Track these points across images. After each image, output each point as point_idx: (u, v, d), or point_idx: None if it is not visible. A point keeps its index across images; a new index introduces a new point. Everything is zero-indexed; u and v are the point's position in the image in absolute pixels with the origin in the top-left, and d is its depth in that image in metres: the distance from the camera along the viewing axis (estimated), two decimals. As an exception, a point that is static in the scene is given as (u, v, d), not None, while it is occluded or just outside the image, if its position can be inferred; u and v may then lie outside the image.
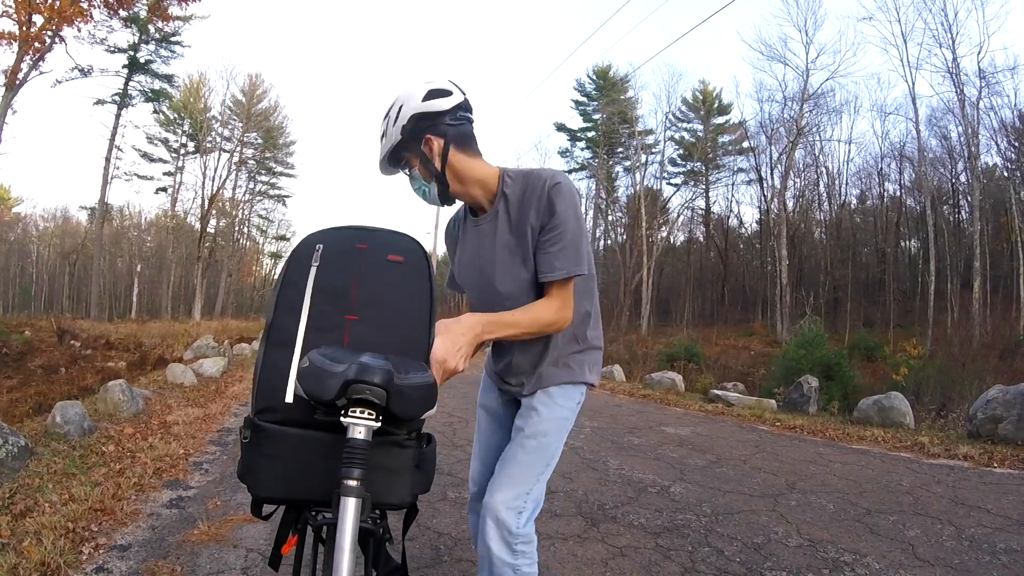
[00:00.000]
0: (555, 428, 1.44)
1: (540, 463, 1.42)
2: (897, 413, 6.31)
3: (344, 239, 1.16)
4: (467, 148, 1.36)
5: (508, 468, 1.41)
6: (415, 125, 1.31)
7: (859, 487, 3.81)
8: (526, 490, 1.39)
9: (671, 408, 7.66)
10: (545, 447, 1.43)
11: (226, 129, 37.73)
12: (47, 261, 48.46)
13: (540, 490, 1.42)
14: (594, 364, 1.53)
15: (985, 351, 15.22)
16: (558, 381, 1.46)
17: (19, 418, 5.50)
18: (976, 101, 21.96)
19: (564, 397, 1.46)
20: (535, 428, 1.43)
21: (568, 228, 1.31)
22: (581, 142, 38.01)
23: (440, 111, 1.31)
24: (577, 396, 1.49)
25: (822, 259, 30.49)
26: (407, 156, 1.38)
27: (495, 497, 1.37)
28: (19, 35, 18.97)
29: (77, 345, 15.97)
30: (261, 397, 1.06)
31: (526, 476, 1.40)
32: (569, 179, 1.38)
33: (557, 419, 1.45)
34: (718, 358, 17.34)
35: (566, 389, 1.47)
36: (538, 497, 1.42)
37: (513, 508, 1.35)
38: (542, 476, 1.42)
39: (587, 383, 1.51)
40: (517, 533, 1.34)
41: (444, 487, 3.56)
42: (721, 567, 2.52)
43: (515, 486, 1.38)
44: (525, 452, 1.42)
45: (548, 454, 1.43)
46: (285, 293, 1.11)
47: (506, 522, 1.34)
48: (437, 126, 1.32)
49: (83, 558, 2.40)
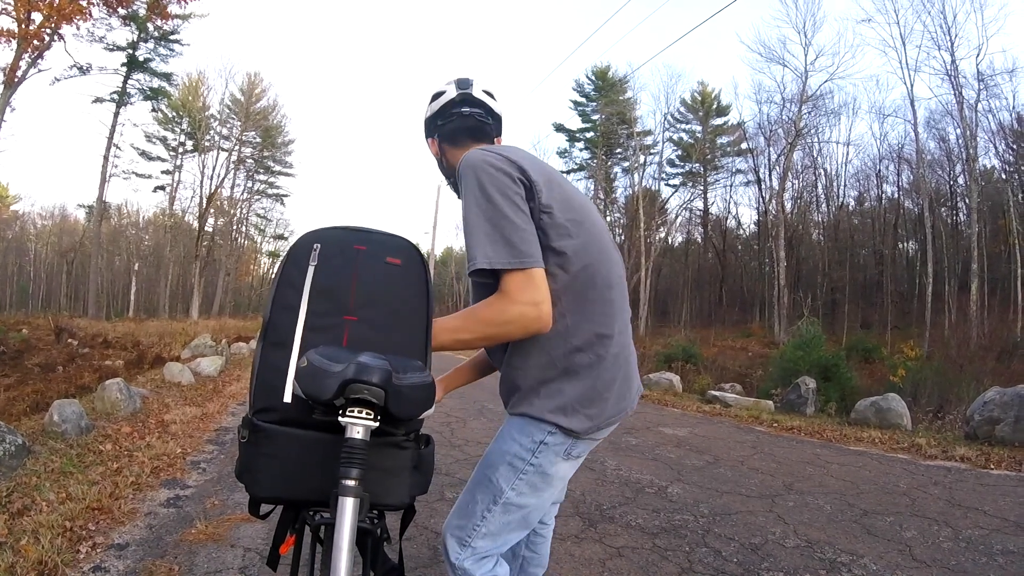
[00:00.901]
0: (501, 464, 1.23)
1: (484, 500, 1.24)
2: (894, 414, 6.32)
3: (342, 239, 1.14)
4: (456, 142, 1.42)
5: (463, 492, 1.30)
6: (424, 130, 1.47)
7: (856, 488, 3.81)
8: (471, 524, 1.24)
9: (669, 409, 7.67)
10: (488, 481, 1.24)
11: (224, 128, 37.74)
12: (45, 259, 48.34)
13: (493, 531, 1.23)
14: (575, 400, 1.19)
15: (982, 353, 15.23)
16: (514, 411, 1.25)
17: (16, 416, 5.48)
18: (974, 104, 22.03)
19: (519, 431, 1.23)
20: (486, 455, 1.29)
21: (466, 214, 1.16)
22: (580, 143, 38.08)
23: (434, 114, 1.44)
24: (537, 435, 1.20)
25: (820, 260, 30.53)
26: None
27: (448, 518, 1.30)
28: (18, 32, 18.91)
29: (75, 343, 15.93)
30: (259, 397, 1.06)
31: (470, 509, 1.25)
32: (475, 156, 1.20)
33: (502, 453, 1.24)
34: (716, 359, 17.37)
35: (523, 423, 1.22)
36: (493, 538, 1.24)
37: (456, 537, 1.25)
38: (489, 516, 1.23)
39: (552, 423, 1.19)
40: (454, 563, 1.23)
41: (442, 487, 3.56)
42: (718, 567, 2.52)
43: (461, 515, 1.26)
44: (474, 480, 1.29)
45: (492, 492, 1.23)
46: (282, 292, 1.09)
47: (447, 546, 1.26)
48: (433, 129, 1.45)
49: (80, 557, 2.40)
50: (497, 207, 1.14)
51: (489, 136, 1.43)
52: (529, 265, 1.11)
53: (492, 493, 1.23)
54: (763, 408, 7.66)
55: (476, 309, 1.17)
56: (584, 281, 1.20)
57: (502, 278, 1.12)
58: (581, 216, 1.24)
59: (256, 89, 38.44)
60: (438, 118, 1.43)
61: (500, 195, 1.14)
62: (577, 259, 1.20)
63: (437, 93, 1.44)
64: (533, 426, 1.21)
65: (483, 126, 1.42)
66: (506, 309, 1.12)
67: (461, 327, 1.17)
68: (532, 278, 1.12)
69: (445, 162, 1.45)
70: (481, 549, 1.23)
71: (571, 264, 1.19)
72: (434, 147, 1.46)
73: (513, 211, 1.14)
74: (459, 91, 1.41)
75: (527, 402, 1.22)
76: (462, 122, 1.41)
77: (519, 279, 1.11)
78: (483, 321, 1.15)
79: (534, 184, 1.17)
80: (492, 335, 1.17)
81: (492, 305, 1.14)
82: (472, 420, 6.03)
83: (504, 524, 1.24)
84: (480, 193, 1.15)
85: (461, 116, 1.41)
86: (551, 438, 1.20)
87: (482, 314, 1.15)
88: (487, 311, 1.15)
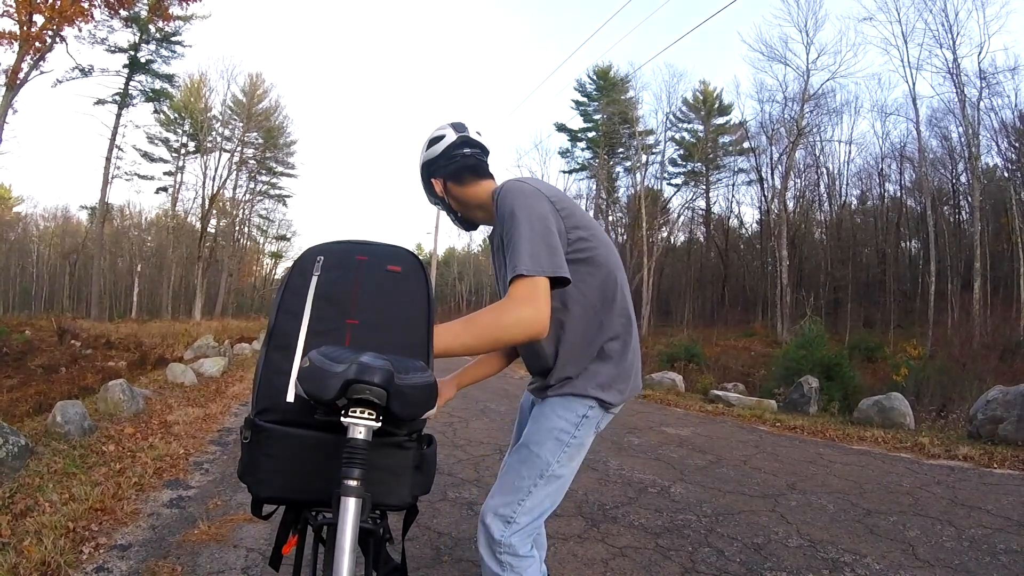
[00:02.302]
0: (548, 439, 1.40)
1: (531, 474, 1.39)
2: (897, 414, 6.31)
3: (344, 251, 1.20)
4: (462, 180, 1.54)
5: (503, 475, 1.44)
6: (424, 172, 1.58)
7: (859, 488, 3.81)
8: (517, 499, 1.37)
9: (671, 408, 7.66)
10: (535, 457, 1.40)
11: (227, 129, 37.87)
12: (47, 261, 48.46)
13: (535, 505, 1.38)
14: (609, 378, 1.42)
15: (985, 352, 15.21)
16: (559, 392, 1.43)
17: (19, 417, 5.50)
18: (976, 102, 22.01)
19: (563, 408, 1.41)
20: (529, 437, 1.43)
21: (511, 228, 1.31)
22: (582, 142, 38.09)
23: (436, 156, 1.54)
24: (580, 409, 1.41)
25: (822, 260, 30.49)
26: (433, 199, 1.62)
27: (488, 502, 1.40)
28: (20, 35, 18.97)
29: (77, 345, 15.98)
30: (262, 397, 1.07)
31: (516, 485, 1.39)
32: (515, 182, 1.40)
33: (550, 430, 1.41)
34: (718, 358, 17.35)
35: (567, 400, 1.42)
36: (535, 511, 1.39)
37: (500, 516, 1.36)
38: (535, 489, 1.38)
39: (592, 397, 1.41)
40: (499, 541, 1.34)
41: (444, 487, 3.56)
42: (721, 567, 2.52)
43: (506, 494, 1.39)
44: (518, 460, 1.42)
45: (539, 466, 1.39)
46: (287, 299, 1.14)
47: (490, 528, 1.36)
48: (436, 170, 1.55)
49: (83, 558, 2.41)
50: (528, 226, 1.29)
51: (487, 170, 1.57)
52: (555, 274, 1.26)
53: (539, 467, 1.39)
54: (766, 408, 7.65)
55: (479, 313, 1.26)
56: (610, 284, 1.43)
57: (517, 283, 1.24)
58: (595, 230, 1.45)
59: (258, 90, 38.57)
60: (441, 159, 1.54)
61: (538, 218, 1.31)
62: (604, 266, 1.42)
63: (436, 137, 1.54)
64: (576, 402, 1.41)
65: (481, 164, 1.57)
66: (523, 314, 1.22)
67: (460, 331, 1.23)
68: (539, 286, 1.24)
69: (450, 199, 1.57)
70: (523, 524, 1.37)
71: (599, 270, 1.42)
72: (439, 186, 1.56)
73: (545, 230, 1.30)
74: (458, 135, 1.54)
75: (570, 384, 1.41)
76: (464, 162, 1.54)
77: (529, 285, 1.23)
78: (481, 323, 1.24)
79: (560, 210, 1.37)
80: (491, 336, 1.24)
81: (497, 307, 1.25)
82: (474, 420, 6.03)
83: (545, 496, 1.40)
84: (520, 212, 1.31)
85: (463, 156, 1.54)
86: (591, 412, 1.42)
87: (483, 316, 1.25)
88: (488, 314, 1.25)
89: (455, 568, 2.45)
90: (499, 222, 1.38)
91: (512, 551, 1.34)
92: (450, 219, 1.67)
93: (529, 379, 1.60)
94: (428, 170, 1.57)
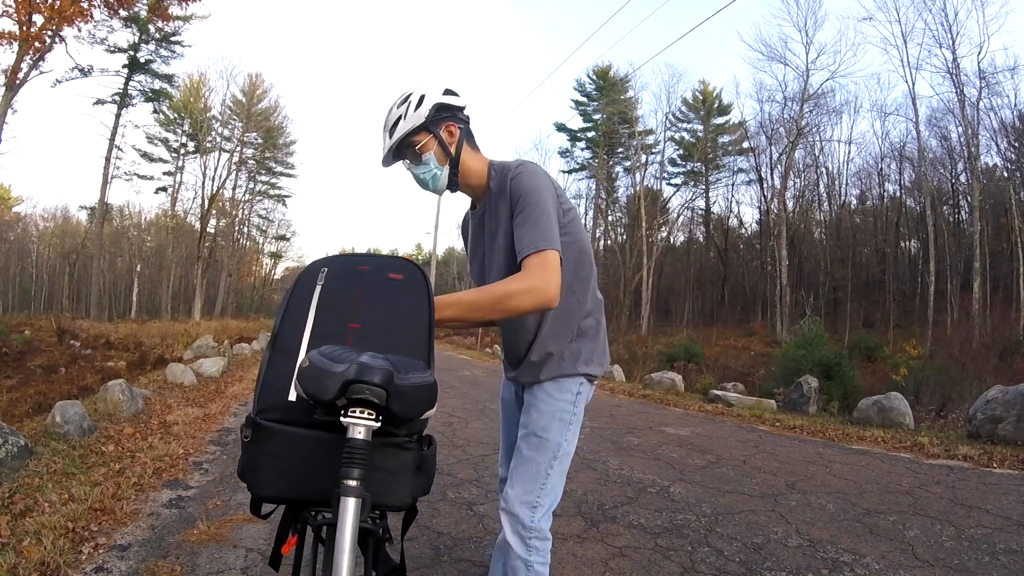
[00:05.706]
0: (553, 422, 1.49)
1: (546, 458, 1.46)
2: (897, 413, 6.31)
3: (347, 262, 1.27)
4: (473, 143, 1.54)
5: (518, 465, 1.49)
6: (437, 113, 1.46)
7: (859, 487, 3.81)
8: (539, 485, 1.45)
9: (671, 408, 7.66)
10: (546, 443, 1.47)
11: (226, 129, 37.78)
12: (47, 261, 48.39)
13: (555, 484, 1.47)
14: (590, 353, 1.53)
15: (985, 351, 15.18)
16: (551, 375, 1.51)
17: (19, 418, 5.51)
18: (976, 101, 21.94)
19: (558, 390, 1.51)
20: (534, 425, 1.50)
21: (527, 206, 1.38)
22: (581, 142, 38.00)
23: (458, 106, 1.50)
24: (573, 387, 1.51)
25: (822, 259, 30.47)
26: (422, 141, 1.46)
27: (510, 492, 1.46)
28: (19, 35, 18.94)
29: (77, 345, 15.97)
30: (263, 396, 1.08)
31: (535, 472, 1.46)
32: (532, 164, 1.47)
33: (553, 412, 1.49)
34: (718, 358, 17.34)
35: (560, 382, 1.51)
36: (555, 490, 1.47)
37: (526, 503, 1.43)
38: (552, 471, 1.46)
39: (582, 374, 1.52)
40: (530, 527, 1.41)
41: (444, 487, 3.56)
42: (721, 567, 2.52)
43: (526, 482, 1.45)
44: (529, 449, 1.49)
45: (551, 449, 1.47)
46: (291, 307, 1.18)
47: (520, 516, 1.42)
48: (456, 117, 1.49)
49: (83, 558, 2.40)
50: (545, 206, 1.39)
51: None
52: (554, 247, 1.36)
53: (551, 450, 1.47)
54: (765, 407, 7.65)
55: (493, 285, 1.36)
56: (586, 264, 1.53)
57: (531, 260, 1.33)
58: (576, 215, 1.55)
59: (258, 90, 38.49)
60: (461, 112, 1.50)
61: (551, 198, 1.42)
62: (580, 246, 1.51)
63: (456, 92, 1.48)
64: (568, 382, 1.51)
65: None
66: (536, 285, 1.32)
67: (473, 300, 1.32)
68: (553, 259, 1.34)
69: (459, 149, 1.48)
70: (547, 505, 1.45)
71: (582, 254, 1.51)
72: (456, 132, 1.47)
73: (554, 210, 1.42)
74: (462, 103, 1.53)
75: (558, 366, 1.50)
76: (468, 127, 1.54)
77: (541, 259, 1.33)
78: (496, 294, 1.32)
79: (559, 196, 1.47)
80: (503, 306, 1.32)
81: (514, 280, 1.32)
82: (474, 420, 6.03)
83: (560, 475, 1.48)
84: (539, 193, 1.40)
85: (467, 122, 1.54)
86: (583, 388, 1.53)
87: (498, 289, 1.33)
88: (504, 285, 1.33)
89: (454, 568, 2.45)
90: (511, 197, 1.42)
91: (541, 535, 1.42)
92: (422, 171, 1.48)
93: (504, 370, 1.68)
94: (443, 112, 1.45)
